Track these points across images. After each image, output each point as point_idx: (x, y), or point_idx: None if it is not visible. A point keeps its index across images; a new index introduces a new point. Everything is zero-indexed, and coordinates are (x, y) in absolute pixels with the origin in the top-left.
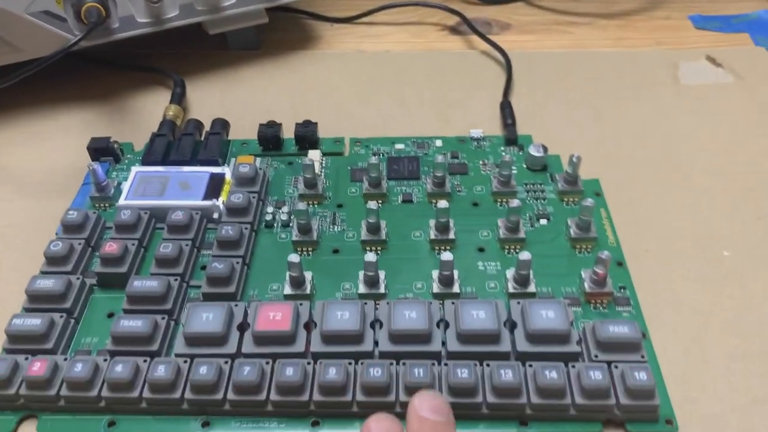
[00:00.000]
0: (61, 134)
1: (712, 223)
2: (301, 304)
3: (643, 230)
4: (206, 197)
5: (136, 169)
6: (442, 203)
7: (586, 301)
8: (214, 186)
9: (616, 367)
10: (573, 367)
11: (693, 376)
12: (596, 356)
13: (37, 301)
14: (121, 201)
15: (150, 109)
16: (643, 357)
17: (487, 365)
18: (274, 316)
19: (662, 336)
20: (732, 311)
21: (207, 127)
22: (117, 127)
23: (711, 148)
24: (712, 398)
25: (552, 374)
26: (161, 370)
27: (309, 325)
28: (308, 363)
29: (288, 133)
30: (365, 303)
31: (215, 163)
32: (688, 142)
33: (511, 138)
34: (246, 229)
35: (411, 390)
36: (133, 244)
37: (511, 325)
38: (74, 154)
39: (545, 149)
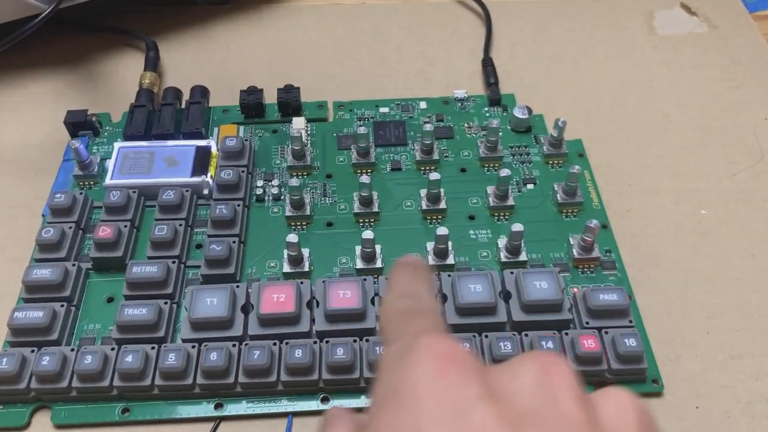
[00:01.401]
0: (32, 105)
1: (690, 180)
2: (302, 283)
3: (625, 190)
4: (194, 173)
5: (118, 145)
6: (434, 175)
7: (575, 266)
8: (201, 160)
9: (606, 332)
10: (566, 334)
11: (675, 335)
12: (587, 323)
13: (35, 291)
14: (108, 181)
15: (122, 74)
16: (631, 322)
17: (486, 336)
18: (278, 298)
19: (646, 296)
20: (710, 269)
21: (186, 94)
22: (90, 95)
23: (687, 102)
24: (694, 355)
25: (548, 344)
26: (172, 359)
27: (311, 304)
28: (315, 342)
29: (270, 98)
30: (365, 279)
31: (199, 134)
32: (665, 97)
33: (495, 99)
34: (239, 206)
35: None
36: (126, 226)
37: (506, 295)
38: (49, 127)
39: (530, 111)
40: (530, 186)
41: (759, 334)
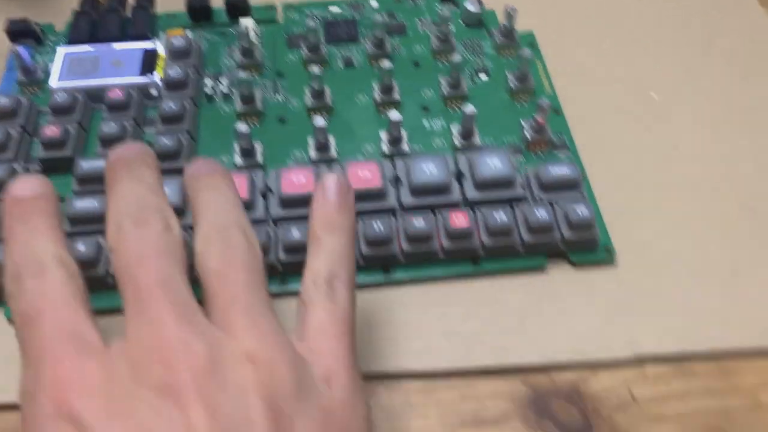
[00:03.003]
0: None
1: (641, 67)
2: (255, 174)
3: (576, 77)
4: (142, 73)
5: (63, 50)
6: (386, 63)
7: (528, 149)
8: (148, 62)
9: (558, 204)
10: (519, 209)
11: (627, 208)
12: (540, 197)
13: None
14: (53, 84)
15: None
16: (582, 194)
17: (440, 213)
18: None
19: (598, 174)
20: (660, 148)
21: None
22: (30, 7)
23: None
24: (645, 225)
25: (501, 216)
26: None
27: (265, 193)
28: (269, 227)
29: (217, 2)
30: (319, 167)
31: (145, 38)
32: None
33: None
34: (188, 102)
35: (372, 242)
36: (73, 127)
37: (459, 176)
38: None
39: (481, 3)
40: (483, 76)
41: (707, 203)
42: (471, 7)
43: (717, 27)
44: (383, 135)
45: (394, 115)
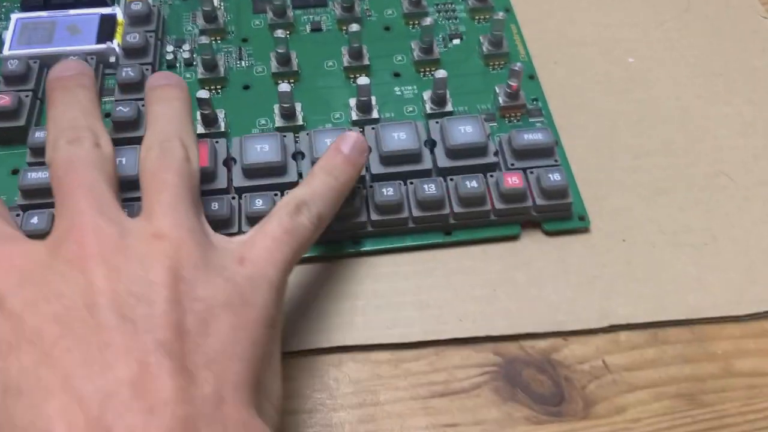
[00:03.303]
0: None
1: (617, 31)
2: (217, 142)
3: (552, 43)
4: (99, 40)
5: (15, 16)
6: (354, 26)
7: (501, 115)
8: (107, 28)
9: (531, 172)
10: (492, 176)
11: (602, 175)
12: (513, 165)
13: None
14: (5, 51)
15: None
16: (556, 161)
17: (411, 183)
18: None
19: (573, 141)
20: (636, 113)
21: None
22: None
23: None
24: (620, 193)
25: (472, 183)
26: None
27: (228, 162)
28: (233, 198)
29: None
30: (284, 135)
31: (103, 3)
32: None
33: None
34: (147, 70)
35: (340, 215)
36: (27, 96)
37: (431, 144)
38: None
39: None
40: (456, 41)
41: (684, 169)
42: None
43: None
44: (352, 102)
45: (362, 80)
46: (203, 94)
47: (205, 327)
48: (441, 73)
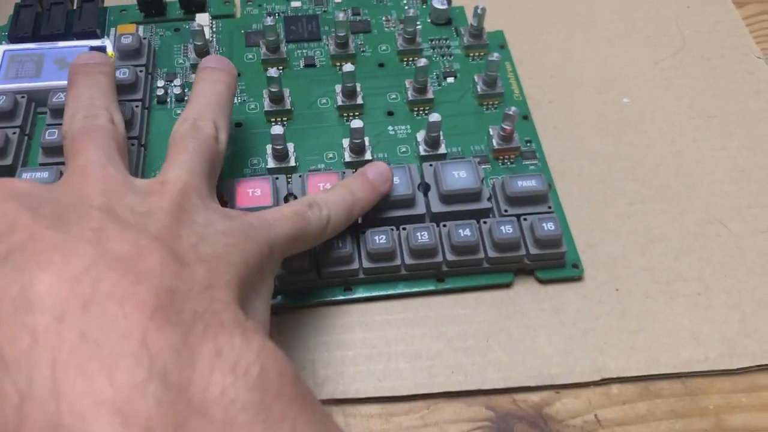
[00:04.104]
0: None
1: (612, 71)
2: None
3: (546, 81)
4: None
5: (3, 47)
6: (348, 66)
7: (495, 157)
8: None
9: (525, 219)
10: (485, 223)
11: (596, 222)
12: (506, 210)
13: None
14: None
15: None
16: (550, 208)
17: (404, 229)
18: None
19: (567, 185)
20: (631, 156)
21: None
22: None
23: None
24: (614, 240)
25: (465, 232)
26: None
27: (222, 204)
28: None
29: None
30: (276, 178)
31: (93, 35)
32: None
33: None
34: (137, 107)
35: (332, 261)
36: (15, 133)
37: (425, 188)
38: None
39: (449, 1)
40: (450, 79)
41: (678, 217)
42: (439, 5)
43: (691, 28)
44: (345, 143)
45: (356, 123)
46: None
47: (200, 238)
48: (435, 117)
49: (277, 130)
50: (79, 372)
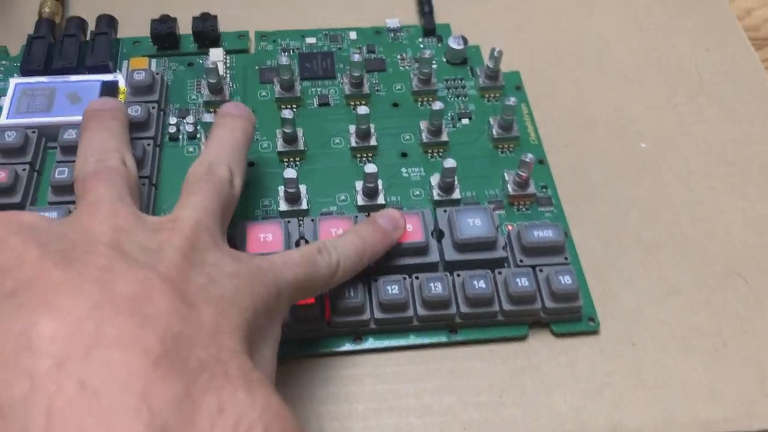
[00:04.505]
0: None
1: (630, 113)
2: None
3: (563, 123)
4: None
5: (15, 80)
6: (363, 109)
7: (510, 203)
8: (108, 96)
9: (541, 270)
10: (500, 273)
11: (611, 271)
12: (521, 261)
13: None
14: (3, 120)
15: (20, 1)
16: (566, 259)
17: (416, 278)
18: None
19: (582, 231)
20: (647, 203)
21: (91, 25)
22: None
23: (627, 30)
24: (630, 291)
25: (480, 284)
26: None
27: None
28: None
29: (185, 28)
30: (288, 222)
31: (105, 68)
32: (604, 25)
33: (430, 28)
34: (149, 145)
35: (343, 310)
36: (24, 169)
37: (439, 235)
38: None
39: (465, 41)
40: (465, 121)
41: (696, 268)
42: (455, 45)
43: (709, 71)
44: (359, 185)
45: (370, 167)
46: None
47: (210, 279)
48: (450, 163)
49: (290, 173)
50: (74, 425)
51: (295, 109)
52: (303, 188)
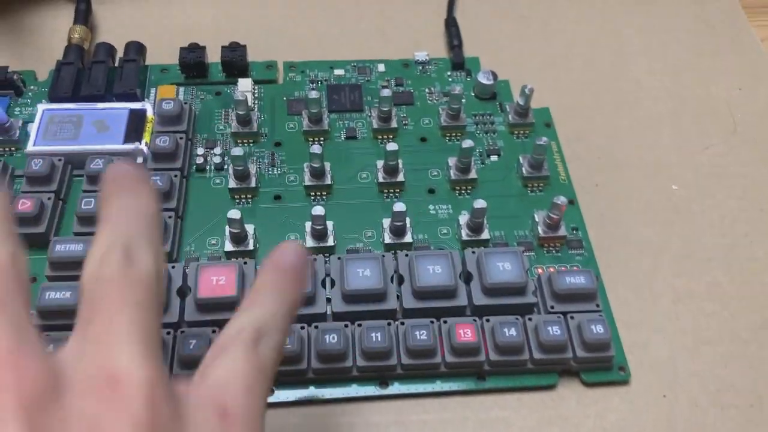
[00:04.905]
0: None
1: (661, 154)
2: (245, 263)
3: (593, 163)
4: (127, 139)
5: (43, 107)
6: (392, 145)
7: (540, 245)
8: (135, 125)
9: (572, 318)
10: (530, 320)
11: (643, 319)
12: (552, 307)
13: None
14: (30, 147)
15: (50, 27)
16: (598, 306)
17: (444, 322)
18: (218, 281)
19: (613, 276)
20: (679, 249)
21: (120, 51)
22: (13, 50)
23: (659, 69)
24: (661, 341)
25: (511, 332)
26: None
27: None
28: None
29: (213, 57)
30: (314, 259)
31: (133, 96)
32: (636, 64)
33: (459, 62)
34: (176, 177)
35: (369, 354)
36: (49, 198)
37: (467, 277)
38: None
39: (495, 76)
40: (494, 158)
41: (728, 319)
42: (484, 80)
43: (742, 111)
44: (386, 223)
45: (398, 206)
46: (235, 214)
47: None
48: (480, 204)
49: (318, 210)
50: None
51: (322, 142)
52: (330, 224)
